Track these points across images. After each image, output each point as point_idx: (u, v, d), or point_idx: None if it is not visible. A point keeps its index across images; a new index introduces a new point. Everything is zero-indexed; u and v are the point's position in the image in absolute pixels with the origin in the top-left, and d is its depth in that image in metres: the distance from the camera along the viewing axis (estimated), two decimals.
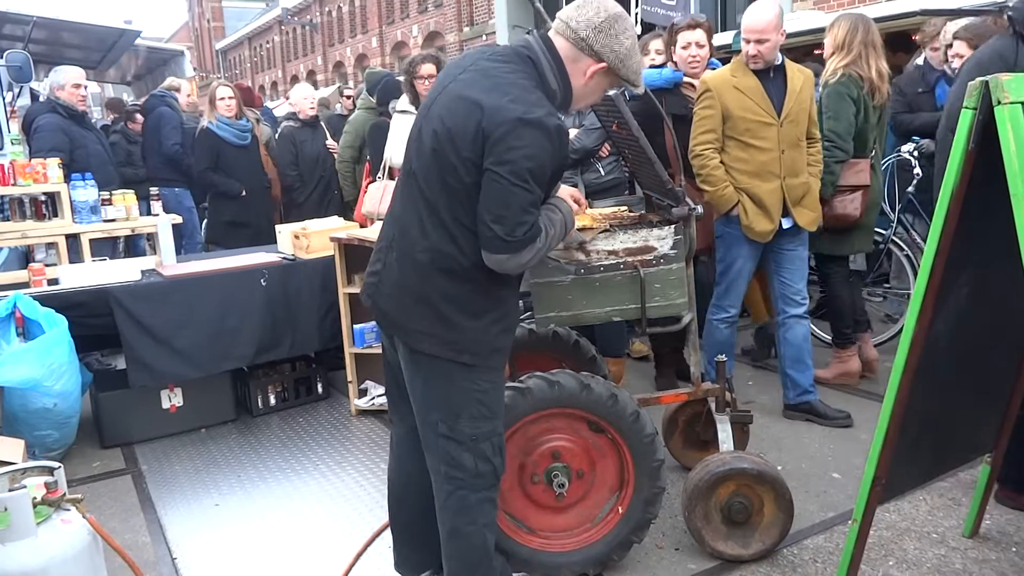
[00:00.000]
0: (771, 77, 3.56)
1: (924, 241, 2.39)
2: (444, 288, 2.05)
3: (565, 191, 2.29)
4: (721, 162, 3.57)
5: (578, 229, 2.52)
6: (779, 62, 3.59)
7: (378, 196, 4.96)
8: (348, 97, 7.63)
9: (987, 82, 1.81)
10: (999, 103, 1.77)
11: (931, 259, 1.99)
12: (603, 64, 2.04)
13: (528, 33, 2.12)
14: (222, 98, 5.62)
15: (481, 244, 1.98)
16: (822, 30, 6.78)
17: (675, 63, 3.93)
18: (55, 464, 2.19)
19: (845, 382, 4.26)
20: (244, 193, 5.68)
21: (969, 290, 2.14)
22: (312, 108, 6.22)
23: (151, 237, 5.93)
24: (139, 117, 7.96)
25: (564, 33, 2.04)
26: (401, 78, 5.31)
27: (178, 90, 6.96)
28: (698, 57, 3.84)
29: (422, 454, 2.27)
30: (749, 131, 3.52)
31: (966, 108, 1.87)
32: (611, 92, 2.58)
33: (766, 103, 3.52)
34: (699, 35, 3.84)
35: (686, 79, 3.86)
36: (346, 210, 6.00)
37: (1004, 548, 2.68)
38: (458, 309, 2.06)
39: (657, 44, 4.31)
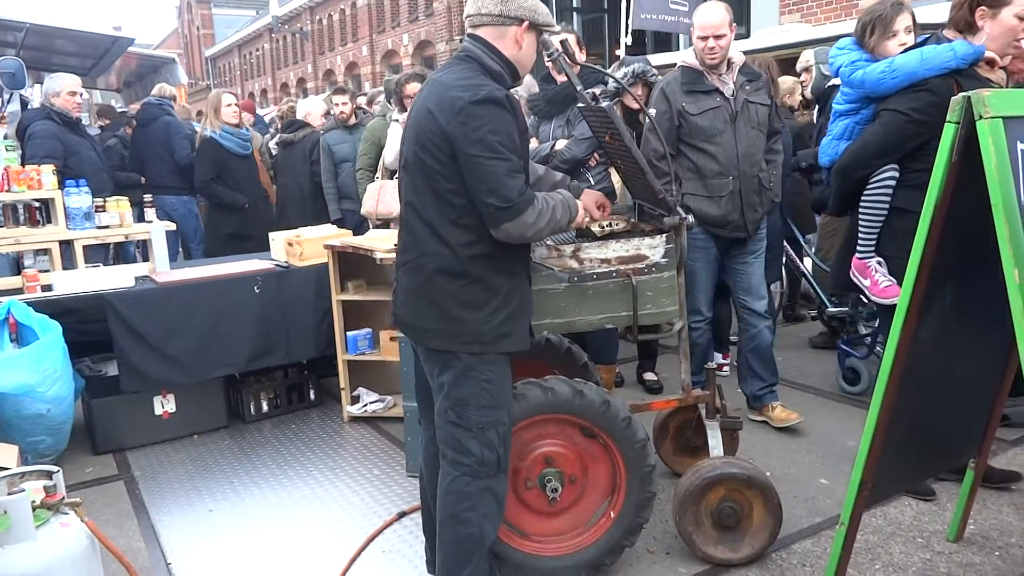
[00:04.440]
0: None
1: None
2: (443, 286, 2.20)
3: (590, 195, 2.53)
4: None
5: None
6: None
7: (375, 196, 5.03)
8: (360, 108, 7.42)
9: (969, 97, 1.87)
10: (980, 117, 1.83)
11: (915, 268, 2.04)
12: (525, 23, 2.24)
13: (461, 40, 2.33)
14: (228, 104, 5.52)
15: (487, 224, 2.14)
16: (810, 43, 6.91)
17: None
18: (54, 468, 2.20)
19: None
20: (247, 205, 5.64)
21: (953, 298, 2.20)
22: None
23: (140, 244, 5.94)
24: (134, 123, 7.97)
25: (481, 23, 2.26)
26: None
27: (174, 99, 6.97)
28: None
29: None
30: None
31: (949, 122, 1.93)
32: (603, 104, 2.64)
33: None
34: None
35: (987, 54, 2.93)
36: None
37: (988, 552, 2.73)
38: (459, 304, 2.20)
39: (905, 20, 3.30)
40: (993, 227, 1.80)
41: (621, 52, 9.92)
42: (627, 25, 9.37)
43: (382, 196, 4.99)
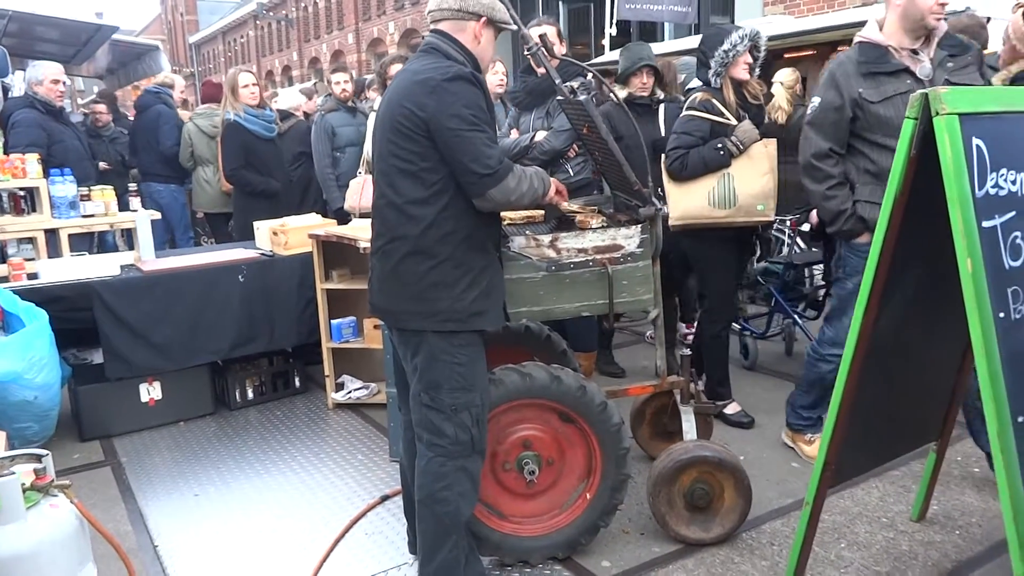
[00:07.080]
0: None
1: None
2: (414, 269, 2.29)
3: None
4: None
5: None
6: None
7: (357, 191, 5.07)
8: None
9: (927, 95, 1.95)
10: (937, 114, 1.91)
11: (876, 258, 2.13)
12: (482, 19, 2.34)
13: (423, 36, 2.44)
14: (245, 85, 5.24)
15: (471, 194, 2.25)
16: (793, 35, 6.98)
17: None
18: (43, 452, 2.24)
19: None
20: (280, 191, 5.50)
21: (913, 287, 2.29)
22: None
23: (123, 232, 5.94)
24: (99, 109, 7.92)
25: (443, 16, 2.35)
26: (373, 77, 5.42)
27: (172, 86, 6.96)
28: None
29: None
30: None
31: (908, 118, 2.02)
32: (581, 97, 2.71)
33: None
34: None
35: None
36: None
37: (949, 531, 2.84)
38: (430, 285, 2.28)
39: None
40: (948, 219, 1.89)
41: (606, 42, 10.00)
42: (612, 15, 9.43)
43: (365, 191, 5.02)
